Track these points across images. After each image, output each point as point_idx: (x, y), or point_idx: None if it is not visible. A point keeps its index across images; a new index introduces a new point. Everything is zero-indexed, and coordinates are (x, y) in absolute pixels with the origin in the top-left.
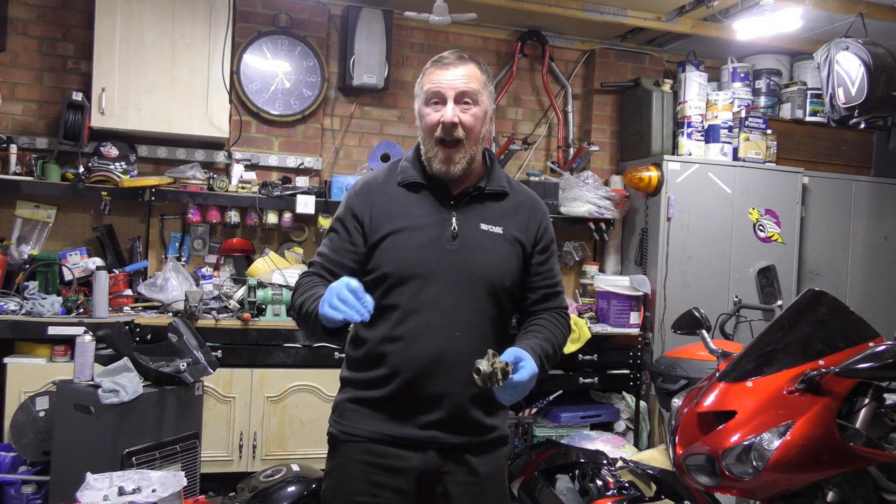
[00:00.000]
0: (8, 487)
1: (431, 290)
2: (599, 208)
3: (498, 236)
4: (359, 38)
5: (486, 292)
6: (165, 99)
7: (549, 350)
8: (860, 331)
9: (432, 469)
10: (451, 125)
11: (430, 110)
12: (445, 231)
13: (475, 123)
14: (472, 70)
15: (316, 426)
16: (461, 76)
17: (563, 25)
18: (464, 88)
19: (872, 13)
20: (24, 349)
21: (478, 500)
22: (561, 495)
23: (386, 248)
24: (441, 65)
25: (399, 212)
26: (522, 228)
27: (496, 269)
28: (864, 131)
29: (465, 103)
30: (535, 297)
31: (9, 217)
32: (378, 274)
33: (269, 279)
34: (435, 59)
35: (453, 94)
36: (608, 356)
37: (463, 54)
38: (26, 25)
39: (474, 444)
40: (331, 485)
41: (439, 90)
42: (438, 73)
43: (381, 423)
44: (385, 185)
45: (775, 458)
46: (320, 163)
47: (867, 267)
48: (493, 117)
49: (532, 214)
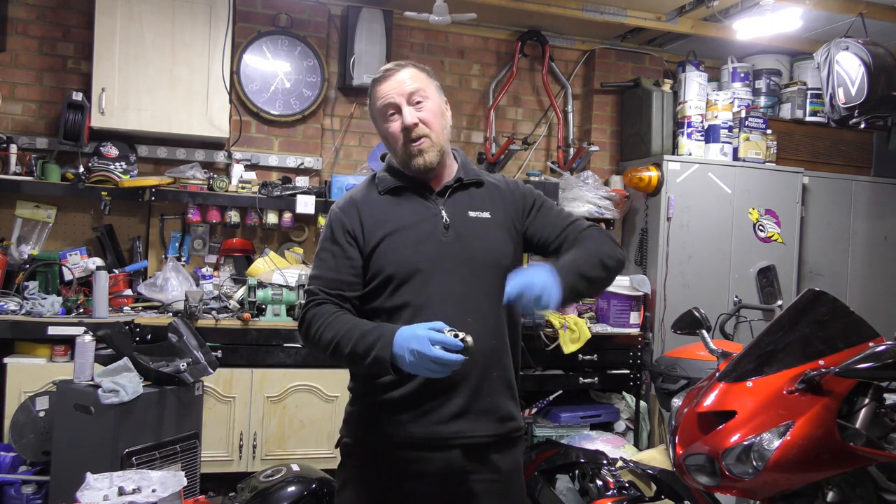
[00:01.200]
0: (8, 487)
1: (437, 282)
2: (599, 208)
3: (488, 220)
4: (359, 38)
5: (489, 276)
6: (165, 99)
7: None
8: (860, 331)
9: (457, 469)
10: (412, 126)
11: (389, 124)
12: (437, 224)
13: (433, 117)
14: (412, 71)
15: (316, 426)
16: (404, 80)
17: (563, 25)
18: (411, 89)
19: (872, 13)
20: (24, 349)
21: (501, 498)
22: (561, 495)
23: (384, 251)
24: (382, 78)
25: (388, 216)
26: (507, 208)
27: (493, 252)
28: (864, 131)
29: (417, 102)
30: (556, 239)
31: (9, 217)
32: (382, 278)
33: (269, 279)
34: (375, 76)
35: (404, 99)
36: (608, 356)
37: (399, 63)
38: (26, 25)
39: (496, 438)
40: (348, 496)
41: (390, 100)
42: (383, 86)
43: (402, 426)
44: (368, 196)
45: (775, 458)
46: (320, 163)
47: (867, 267)
48: (446, 110)
49: (509, 191)
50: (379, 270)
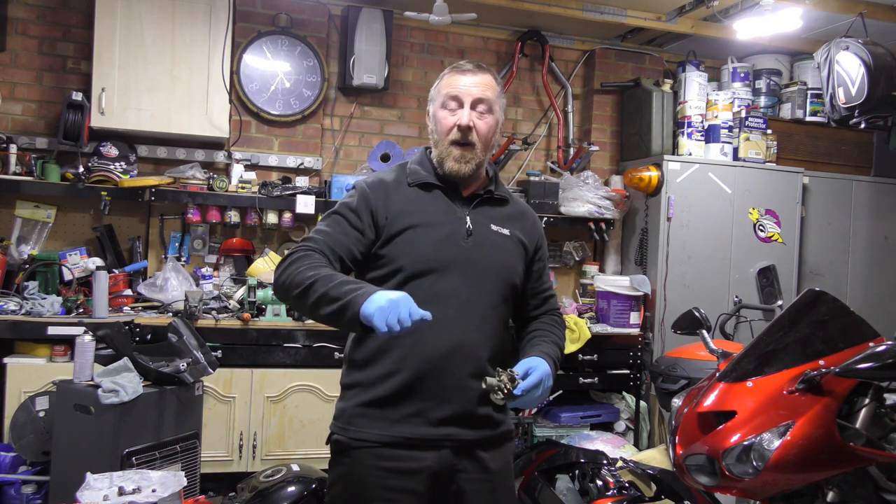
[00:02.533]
0: (8, 487)
1: (446, 283)
2: (599, 208)
3: (507, 237)
4: (359, 38)
5: (498, 289)
6: (165, 99)
7: (558, 353)
8: (860, 331)
9: (446, 468)
10: (466, 128)
11: (446, 113)
12: (460, 229)
13: (488, 131)
14: (489, 80)
15: (316, 426)
16: (479, 83)
17: (563, 25)
18: (480, 95)
19: (872, 13)
20: (24, 349)
21: (490, 497)
22: (561, 495)
23: (403, 242)
24: (460, 71)
25: (414, 209)
26: (526, 234)
27: (508, 268)
28: (864, 131)
29: (481, 110)
30: (536, 301)
31: (9, 217)
32: (391, 267)
33: (268, 279)
34: (454, 65)
35: (470, 100)
36: (608, 356)
37: (481, 64)
38: (26, 25)
39: (486, 439)
40: (339, 493)
41: (458, 94)
42: (457, 78)
43: (392, 425)
44: (397, 184)
45: (775, 458)
46: (320, 163)
47: (867, 267)
48: (499, 129)
49: (533, 224)
50: (392, 259)
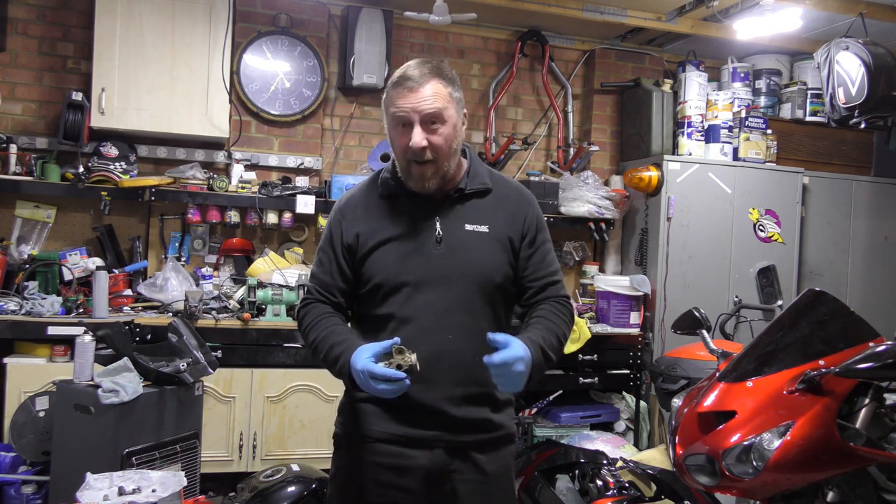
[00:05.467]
0: (8, 487)
1: (421, 296)
2: (599, 208)
3: (484, 235)
4: (359, 38)
5: (477, 292)
6: (165, 99)
7: (552, 340)
8: (860, 331)
9: (440, 467)
10: (420, 150)
11: (397, 133)
12: (430, 237)
13: (444, 143)
14: (436, 87)
15: (316, 426)
16: (424, 98)
17: (563, 25)
18: (429, 110)
19: (872, 13)
20: (24, 349)
21: (485, 499)
22: (561, 495)
23: (375, 259)
24: (404, 88)
25: (382, 223)
26: (509, 222)
27: (484, 268)
28: (864, 131)
29: (433, 123)
30: (534, 288)
31: (9, 217)
32: (371, 285)
33: (268, 279)
34: (397, 79)
35: (419, 118)
36: (608, 356)
37: (424, 69)
38: (26, 25)
39: (482, 441)
40: (338, 486)
41: (404, 116)
42: (402, 97)
43: (387, 422)
44: (367, 199)
45: (775, 458)
46: (320, 163)
47: (867, 267)
48: (465, 121)
49: (518, 207)
50: (369, 278)
